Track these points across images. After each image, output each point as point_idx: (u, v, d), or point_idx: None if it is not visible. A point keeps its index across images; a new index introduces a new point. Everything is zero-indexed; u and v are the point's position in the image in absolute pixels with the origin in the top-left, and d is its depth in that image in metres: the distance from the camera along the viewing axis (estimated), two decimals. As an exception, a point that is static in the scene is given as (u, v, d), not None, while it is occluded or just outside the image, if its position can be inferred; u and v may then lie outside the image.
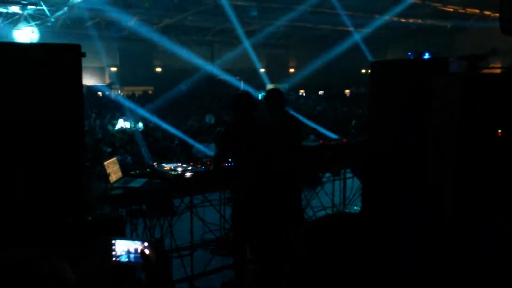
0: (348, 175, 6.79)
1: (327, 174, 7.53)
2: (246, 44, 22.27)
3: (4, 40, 14.94)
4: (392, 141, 3.85)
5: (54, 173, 2.94)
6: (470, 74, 3.00)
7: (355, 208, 5.98)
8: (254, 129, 4.42)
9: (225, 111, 18.08)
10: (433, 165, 3.19)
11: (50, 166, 2.94)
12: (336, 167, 6.54)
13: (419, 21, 22.42)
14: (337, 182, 7.00)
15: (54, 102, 2.99)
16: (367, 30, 22.44)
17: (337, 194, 6.80)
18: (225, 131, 4.56)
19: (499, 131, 2.94)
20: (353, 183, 6.69)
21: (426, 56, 3.96)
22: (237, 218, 4.48)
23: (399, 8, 18.84)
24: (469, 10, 20.81)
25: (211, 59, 28.61)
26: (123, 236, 3.28)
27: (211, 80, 25.41)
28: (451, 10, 20.66)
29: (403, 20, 21.61)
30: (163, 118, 17.91)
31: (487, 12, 20.72)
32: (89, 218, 2.95)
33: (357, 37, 22.51)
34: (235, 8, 18.26)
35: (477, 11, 20.89)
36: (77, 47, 3.04)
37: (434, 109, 3.16)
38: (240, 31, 20.93)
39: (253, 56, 23.30)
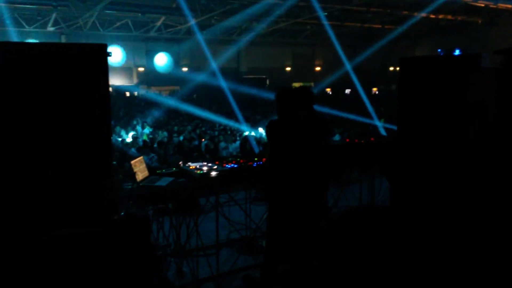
0: (376, 174, 6.67)
1: (355, 174, 7.41)
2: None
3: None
4: (424, 140, 3.74)
5: (80, 173, 2.96)
6: (507, 69, 2.87)
7: (383, 208, 5.86)
8: (290, 129, 4.03)
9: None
10: (468, 165, 3.07)
11: (77, 165, 2.96)
12: (364, 166, 6.42)
13: (449, 17, 21.93)
14: (364, 182, 6.88)
15: (81, 102, 3.01)
16: (395, 27, 22.09)
17: (365, 193, 6.68)
18: (267, 131, 4.21)
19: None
20: (381, 183, 6.56)
21: (457, 52, 3.85)
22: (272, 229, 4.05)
23: (432, 7, 18.51)
24: (501, 5, 20.23)
25: (237, 58, 28.64)
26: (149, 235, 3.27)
27: (238, 79, 25.47)
28: (483, 5, 20.13)
29: (432, 16, 21.17)
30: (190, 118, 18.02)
31: (520, 7, 20.15)
32: (115, 217, 2.96)
33: (385, 34, 22.22)
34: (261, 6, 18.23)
35: (509, 6, 20.29)
36: (103, 46, 3.05)
37: (469, 106, 3.04)
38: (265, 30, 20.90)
39: (280, 55, 23.23)
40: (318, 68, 31.50)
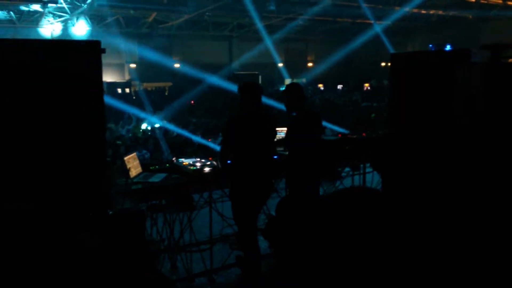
0: (368, 169, 6.72)
1: (346, 169, 7.46)
2: (265, 38, 22.19)
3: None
4: (413, 135, 3.78)
5: (75, 168, 2.97)
6: (494, 63, 2.91)
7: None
8: (257, 123, 4.29)
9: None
10: (458, 158, 3.10)
11: (71, 161, 2.97)
12: (355, 161, 6.47)
13: (440, 12, 22.02)
14: (356, 177, 6.92)
15: (75, 98, 3.01)
16: (387, 22, 22.15)
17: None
18: (226, 125, 4.46)
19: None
20: (373, 178, 6.61)
21: (448, 48, 3.89)
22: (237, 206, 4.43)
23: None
24: (492, 0, 20.36)
25: (229, 54, 28.59)
26: (143, 231, 3.30)
27: (229, 75, 25.44)
28: (473, 0, 20.23)
29: (423, 11, 21.26)
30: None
31: (510, 2, 20.24)
32: (110, 212, 2.98)
33: (377, 29, 22.26)
34: (253, 2, 18.20)
35: (500, 1, 20.41)
36: (97, 43, 3.05)
37: (455, 101, 3.09)
38: (258, 25, 20.89)
39: (272, 51, 23.21)
40: (310, 64, 31.50)
